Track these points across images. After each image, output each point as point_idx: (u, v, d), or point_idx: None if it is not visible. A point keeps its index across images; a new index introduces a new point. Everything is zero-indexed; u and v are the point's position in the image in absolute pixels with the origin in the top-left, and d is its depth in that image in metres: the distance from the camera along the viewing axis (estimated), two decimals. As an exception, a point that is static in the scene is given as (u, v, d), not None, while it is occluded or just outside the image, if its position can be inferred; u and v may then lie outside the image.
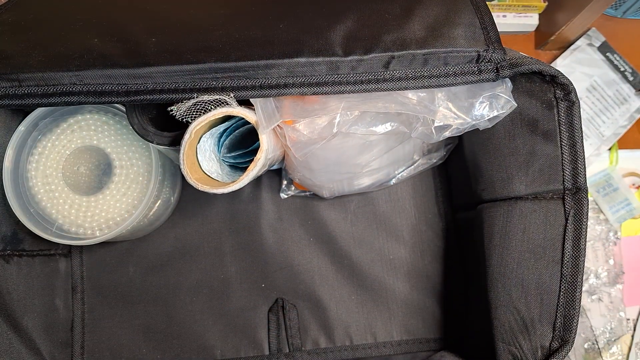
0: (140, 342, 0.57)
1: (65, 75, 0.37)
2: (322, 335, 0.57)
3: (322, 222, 0.59)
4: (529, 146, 0.43)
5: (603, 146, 0.69)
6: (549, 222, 0.42)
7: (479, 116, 0.40)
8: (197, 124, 0.40)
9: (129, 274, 0.58)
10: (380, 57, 0.38)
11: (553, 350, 0.41)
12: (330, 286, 0.58)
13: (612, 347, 0.63)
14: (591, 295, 0.64)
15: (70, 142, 0.49)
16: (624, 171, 0.69)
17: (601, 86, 0.70)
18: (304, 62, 0.37)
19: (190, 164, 0.42)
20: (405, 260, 0.59)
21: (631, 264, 0.65)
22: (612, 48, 0.71)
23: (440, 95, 0.40)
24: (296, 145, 0.42)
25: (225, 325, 0.57)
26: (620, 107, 0.70)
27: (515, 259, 0.43)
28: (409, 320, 0.57)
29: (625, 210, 0.66)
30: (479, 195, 0.49)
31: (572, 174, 0.41)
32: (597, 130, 0.69)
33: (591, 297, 0.64)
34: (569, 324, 0.40)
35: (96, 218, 0.49)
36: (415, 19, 0.40)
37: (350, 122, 0.41)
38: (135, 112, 0.44)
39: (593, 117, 0.70)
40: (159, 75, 0.37)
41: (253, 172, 0.41)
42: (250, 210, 0.59)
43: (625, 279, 0.64)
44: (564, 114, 0.41)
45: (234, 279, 0.58)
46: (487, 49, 0.38)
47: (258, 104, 0.40)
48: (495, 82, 0.40)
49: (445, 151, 0.56)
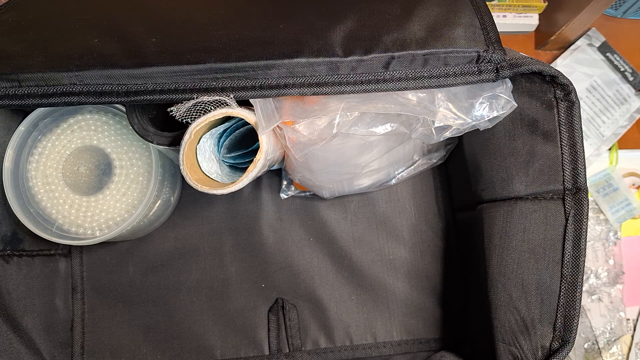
0: (140, 342, 0.57)
1: (65, 76, 0.37)
2: (322, 336, 0.57)
3: (322, 222, 0.59)
4: (529, 146, 0.43)
5: (603, 146, 0.69)
6: (549, 222, 0.42)
7: (479, 116, 0.40)
8: (196, 124, 0.40)
9: (129, 274, 0.58)
10: (380, 58, 0.38)
11: (553, 351, 0.41)
12: (330, 286, 0.58)
13: (612, 347, 0.63)
14: (591, 295, 0.64)
15: (70, 142, 0.49)
16: (623, 171, 0.69)
17: (601, 86, 0.70)
18: (304, 62, 0.37)
19: (189, 165, 0.42)
20: (405, 260, 0.59)
21: (631, 263, 0.65)
22: (612, 48, 0.71)
23: (440, 96, 0.40)
24: (296, 146, 0.42)
25: (225, 326, 0.57)
26: (620, 107, 0.70)
27: (515, 259, 0.43)
28: (409, 321, 0.57)
29: (625, 210, 0.66)
30: (479, 195, 0.49)
31: (572, 174, 0.41)
32: (597, 131, 0.69)
33: (591, 297, 0.64)
34: (570, 324, 0.40)
35: (96, 218, 0.49)
36: (415, 19, 0.40)
37: (350, 123, 0.41)
38: (135, 112, 0.44)
39: (593, 117, 0.70)
40: (159, 75, 0.37)
41: (252, 173, 0.41)
42: (250, 211, 0.59)
43: (625, 279, 0.64)
44: (564, 114, 0.41)
45: (234, 279, 0.58)
46: (487, 49, 0.38)
47: (258, 104, 0.40)
48: (495, 83, 0.40)
49: (445, 151, 0.56)
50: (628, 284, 0.65)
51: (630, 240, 0.66)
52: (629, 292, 0.65)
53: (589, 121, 0.70)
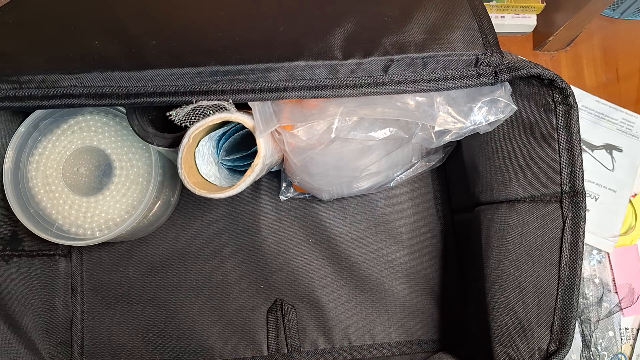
0: (139, 343, 0.57)
1: (66, 78, 0.37)
2: (320, 336, 0.57)
3: (321, 224, 0.59)
4: (527, 149, 0.43)
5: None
6: (546, 225, 0.42)
7: (479, 120, 0.41)
8: (195, 128, 0.40)
9: (129, 275, 0.58)
10: (380, 61, 0.38)
11: (550, 353, 0.41)
12: (329, 287, 0.58)
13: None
14: (580, 316, 0.63)
15: (70, 143, 0.50)
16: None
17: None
18: (303, 65, 0.37)
19: (187, 168, 0.42)
20: (403, 261, 0.59)
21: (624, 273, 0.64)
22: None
23: (439, 100, 0.40)
24: (294, 150, 0.42)
25: (224, 326, 0.57)
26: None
27: (512, 261, 0.44)
28: (407, 322, 0.58)
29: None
30: (477, 197, 0.49)
31: (570, 177, 0.41)
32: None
33: (580, 318, 0.63)
34: (567, 326, 0.41)
35: (96, 219, 0.50)
36: (414, 22, 0.40)
37: (349, 127, 0.41)
38: (135, 114, 0.44)
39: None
40: (159, 78, 0.37)
41: (250, 177, 0.42)
42: (249, 212, 0.59)
43: (619, 291, 0.64)
44: (562, 117, 0.41)
45: (233, 279, 0.58)
46: (485, 53, 0.38)
47: (256, 107, 0.40)
48: (494, 86, 0.40)
49: (444, 154, 0.57)
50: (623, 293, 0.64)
51: (623, 249, 0.65)
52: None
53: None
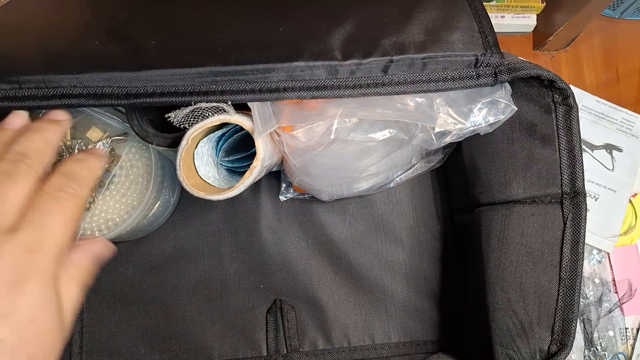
0: (138, 343, 0.57)
1: (66, 78, 0.37)
2: (320, 337, 0.57)
3: (321, 224, 0.59)
4: (527, 150, 0.43)
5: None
6: (547, 225, 0.42)
7: (479, 121, 0.41)
8: (194, 130, 0.40)
9: (128, 275, 0.58)
10: (379, 61, 0.38)
11: (551, 354, 0.41)
12: (329, 288, 0.58)
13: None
14: (580, 316, 0.63)
15: (69, 144, 0.49)
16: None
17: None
18: (303, 65, 0.37)
19: (186, 170, 0.42)
20: (403, 262, 0.59)
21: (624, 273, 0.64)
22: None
23: (438, 101, 0.40)
24: (294, 152, 0.42)
25: (223, 326, 0.57)
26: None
27: (513, 262, 0.44)
28: (407, 322, 0.58)
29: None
30: (477, 198, 0.49)
31: (570, 178, 0.41)
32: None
33: (580, 317, 0.63)
34: (568, 327, 0.41)
35: (95, 219, 0.49)
36: (414, 22, 0.40)
37: (349, 129, 0.41)
38: (135, 114, 0.44)
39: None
40: (159, 78, 0.37)
41: (249, 179, 0.41)
42: (249, 212, 0.59)
43: (619, 288, 0.64)
44: (562, 118, 0.41)
45: (233, 279, 0.58)
46: (485, 53, 0.38)
47: (255, 107, 0.40)
48: (494, 87, 0.40)
49: (444, 154, 0.56)
50: (622, 289, 0.64)
51: (623, 249, 0.66)
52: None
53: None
